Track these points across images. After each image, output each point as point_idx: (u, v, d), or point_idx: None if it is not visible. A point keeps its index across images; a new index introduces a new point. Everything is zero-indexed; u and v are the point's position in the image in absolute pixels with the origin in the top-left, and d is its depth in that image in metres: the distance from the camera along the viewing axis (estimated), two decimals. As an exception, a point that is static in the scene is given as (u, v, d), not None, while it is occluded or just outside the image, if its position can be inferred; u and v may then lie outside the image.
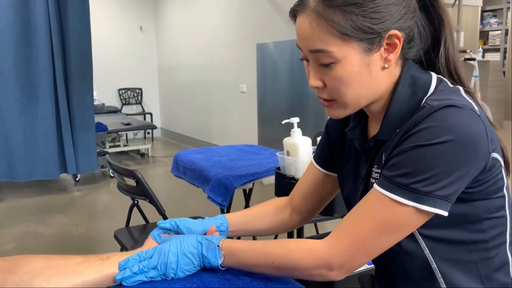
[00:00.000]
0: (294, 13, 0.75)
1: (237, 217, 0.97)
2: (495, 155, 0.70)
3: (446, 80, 0.76)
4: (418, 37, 0.76)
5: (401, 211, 0.67)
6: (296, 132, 1.39)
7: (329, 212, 1.28)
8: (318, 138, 1.45)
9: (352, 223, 0.72)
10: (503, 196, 0.74)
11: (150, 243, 0.84)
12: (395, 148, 0.71)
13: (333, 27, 0.68)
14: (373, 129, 0.82)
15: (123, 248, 1.78)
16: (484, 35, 7.54)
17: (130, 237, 1.87)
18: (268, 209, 1.01)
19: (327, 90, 0.74)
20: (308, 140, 1.39)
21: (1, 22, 3.53)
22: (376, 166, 0.77)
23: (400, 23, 0.70)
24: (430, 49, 0.79)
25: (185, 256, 0.76)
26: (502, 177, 0.73)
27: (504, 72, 6.80)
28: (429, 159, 0.65)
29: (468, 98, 0.71)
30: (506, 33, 7.28)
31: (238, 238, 1.07)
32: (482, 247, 0.74)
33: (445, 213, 0.67)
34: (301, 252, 0.73)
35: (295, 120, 1.40)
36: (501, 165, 0.72)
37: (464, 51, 4.61)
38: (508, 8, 7.19)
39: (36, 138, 3.78)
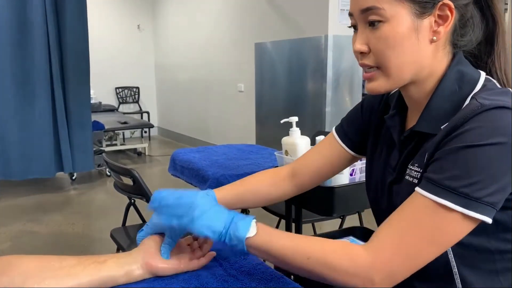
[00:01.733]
0: None
1: (227, 193, 0.95)
2: None
3: (494, 81, 0.74)
4: (471, 26, 0.74)
5: (449, 217, 0.62)
6: (295, 131, 1.38)
7: (328, 212, 1.27)
8: (317, 138, 1.44)
9: (397, 231, 0.66)
10: None
11: (146, 241, 0.82)
12: (439, 145, 0.67)
13: None
14: (412, 120, 0.79)
15: (120, 247, 1.76)
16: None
17: (127, 237, 1.85)
18: (263, 184, 0.99)
19: (372, 54, 0.72)
20: (307, 140, 1.38)
21: (-3, 21, 3.51)
22: (416, 165, 0.73)
23: None
24: (482, 47, 0.77)
25: (214, 213, 0.73)
26: None
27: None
28: (480, 161, 0.61)
29: None
30: (504, 34, 7.29)
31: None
32: (507, 258, 0.72)
33: (490, 221, 0.63)
34: (341, 255, 0.68)
35: (294, 119, 1.39)
36: None
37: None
38: (506, 9, 7.21)
39: (32, 137, 3.75)
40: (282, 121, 1.41)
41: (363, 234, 1.57)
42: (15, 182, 4.08)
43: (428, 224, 0.64)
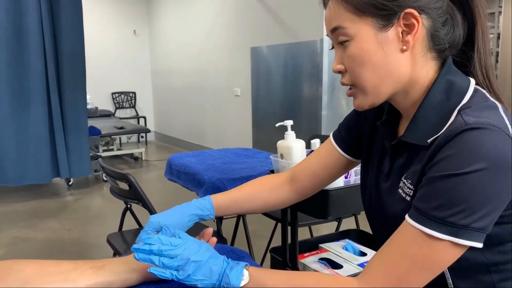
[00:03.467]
0: (324, 4, 0.77)
1: (225, 201, 0.95)
2: None
3: (483, 91, 0.72)
4: (451, 28, 0.72)
5: (438, 245, 0.63)
6: (290, 135, 1.38)
7: (323, 215, 1.27)
8: (312, 141, 1.44)
9: (388, 261, 0.67)
10: None
11: None
12: (427, 165, 0.67)
13: (347, 3, 0.70)
14: (403, 128, 0.79)
15: (116, 252, 1.76)
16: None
17: (123, 241, 1.85)
18: (260, 190, 0.99)
19: (347, 73, 0.74)
20: (301, 143, 1.38)
21: (-7, 26, 3.52)
22: (410, 181, 0.73)
23: (420, 3, 0.68)
24: (467, 49, 0.75)
25: (207, 267, 0.72)
26: None
27: (496, 76, 6.87)
28: (463, 190, 0.61)
29: (505, 118, 0.66)
30: (498, 37, 7.34)
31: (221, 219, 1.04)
32: (502, 268, 0.72)
33: (480, 245, 0.63)
34: None
35: (289, 122, 1.39)
36: None
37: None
38: (500, 12, 7.26)
39: (28, 142, 3.74)
40: (277, 125, 1.41)
41: (359, 236, 1.57)
42: (11, 188, 4.08)
43: (418, 253, 0.64)
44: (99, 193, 4.27)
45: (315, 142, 1.43)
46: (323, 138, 1.18)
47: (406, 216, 0.67)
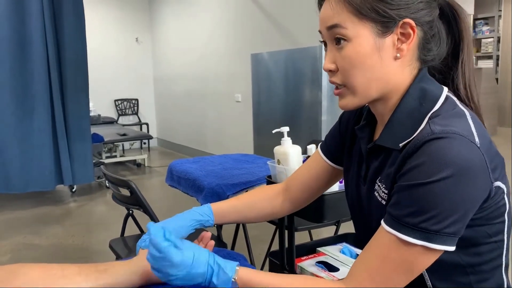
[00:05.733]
0: (320, 2, 0.78)
1: (224, 208, 0.99)
2: (497, 183, 0.70)
3: (454, 98, 0.75)
4: (437, 41, 0.77)
5: (413, 250, 0.67)
6: (286, 141, 1.41)
7: (319, 219, 1.30)
8: (308, 147, 1.48)
9: (370, 265, 0.71)
10: (503, 222, 0.75)
11: (143, 252, 0.85)
12: (398, 171, 0.70)
13: (350, 4, 0.72)
14: (378, 133, 0.82)
15: (118, 257, 1.79)
16: (476, 43, 7.64)
17: (125, 247, 1.88)
18: (257, 199, 1.03)
19: (339, 73, 0.76)
20: (298, 149, 1.42)
21: (-2, 36, 3.57)
22: (384, 186, 0.76)
23: (416, 15, 0.72)
24: (449, 62, 0.80)
25: (193, 274, 0.73)
26: (504, 204, 0.74)
27: (497, 79, 6.88)
28: (432, 198, 0.64)
29: (472, 125, 0.69)
30: (498, 41, 7.37)
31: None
32: (478, 270, 0.75)
33: (453, 248, 0.67)
34: None
35: (285, 129, 1.43)
36: (503, 191, 0.72)
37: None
38: (500, 16, 7.29)
39: (32, 150, 3.79)
40: (273, 131, 1.45)
41: (356, 240, 1.60)
42: (15, 195, 4.11)
43: (395, 257, 0.68)
44: (102, 200, 4.31)
45: (311, 148, 1.46)
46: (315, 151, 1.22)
47: (382, 222, 0.71)
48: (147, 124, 7.20)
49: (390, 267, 0.69)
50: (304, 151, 1.47)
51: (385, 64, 0.73)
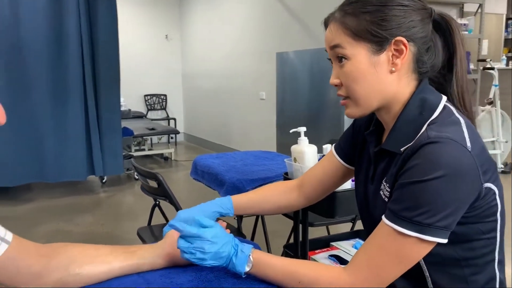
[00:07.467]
0: (326, 23, 0.89)
1: (243, 200, 1.09)
2: (488, 185, 0.76)
3: (451, 108, 0.82)
4: (433, 53, 0.84)
5: (408, 241, 0.74)
6: (303, 140, 1.49)
7: (331, 214, 1.38)
8: (324, 146, 1.56)
9: (369, 254, 0.78)
10: (496, 220, 0.81)
11: (170, 234, 0.95)
12: (399, 172, 0.78)
13: (347, 28, 0.82)
14: (385, 138, 0.89)
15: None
16: (509, 43, 7.44)
17: (151, 235, 2.01)
18: (274, 193, 1.12)
19: (343, 87, 0.85)
20: (314, 148, 1.50)
21: (36, 33, 3.75)
22: (388, 185, 0.84)
23: (408, 33, 0.79)
24: (445, 72, 0.87)
25: (217, 253, 0.83)
26: (496, 204, 0.80)
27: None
28: (426, 194, 0.72)
29: (466, 132, 0.76)
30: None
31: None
32: (472, 263, 0.82)
33: (445, 241, 0.74)
34: (328, 277, 0.80)
35: (302, 129, 1.51)
36: (495, 193, 0.79)
37: (484, 60, 4.60)
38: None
39: (66, 142, 3.96)
40: (291, 131, 1.54)
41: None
42: (49, 185, 4.33)
43: (392, 248, 0.76)
44: (130, 191, 4.47)
45: (327, 147, 1.54)
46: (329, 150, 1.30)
47: (383, 216, 0.79)
48: (174, 119, 7.37)
49: (385, 256, 0.76)
50: (320, 150, 1.55)
51: (382, 78, 0.82)
